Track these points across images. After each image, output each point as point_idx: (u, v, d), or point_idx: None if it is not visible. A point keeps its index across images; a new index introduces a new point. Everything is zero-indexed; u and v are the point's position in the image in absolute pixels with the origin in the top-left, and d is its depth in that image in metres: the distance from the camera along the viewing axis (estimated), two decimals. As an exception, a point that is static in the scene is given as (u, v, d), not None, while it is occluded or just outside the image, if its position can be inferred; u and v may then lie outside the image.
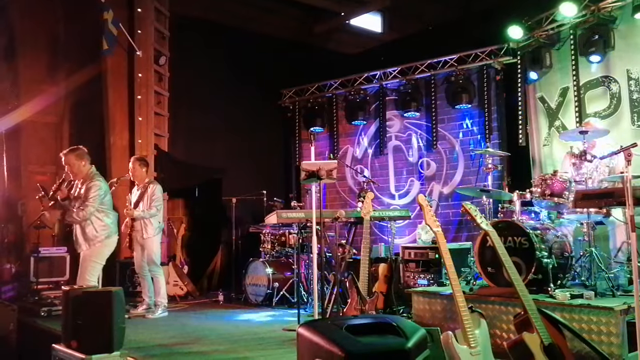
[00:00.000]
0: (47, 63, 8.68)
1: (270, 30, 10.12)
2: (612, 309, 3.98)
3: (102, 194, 5.45)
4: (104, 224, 5.50)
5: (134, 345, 4.74)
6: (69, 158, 5.47)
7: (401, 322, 2.57)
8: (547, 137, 7.56)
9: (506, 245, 4.87)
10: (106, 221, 5.52)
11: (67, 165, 5.51)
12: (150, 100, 8.59)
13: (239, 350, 4.72)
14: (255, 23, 10.00)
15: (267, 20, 10.16)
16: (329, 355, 2.35)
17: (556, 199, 5.00)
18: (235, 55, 9.61)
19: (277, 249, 7.47)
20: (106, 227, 5.51)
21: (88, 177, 5.49)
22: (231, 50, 9.61)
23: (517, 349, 2.67)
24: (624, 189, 3.28)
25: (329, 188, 9.69)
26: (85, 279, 5.40)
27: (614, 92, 6.85)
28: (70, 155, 5.48)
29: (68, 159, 5.48)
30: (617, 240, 5.38)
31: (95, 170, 5.63)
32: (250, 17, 9.90)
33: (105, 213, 5.53)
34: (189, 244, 8.85)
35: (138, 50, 8.38)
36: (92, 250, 5.52)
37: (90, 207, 5.37)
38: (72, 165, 5.47)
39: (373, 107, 9.46)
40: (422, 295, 5.31)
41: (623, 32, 6.72)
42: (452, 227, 8.32)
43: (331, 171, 4.36)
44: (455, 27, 8.95)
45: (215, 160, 9.47)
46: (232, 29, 9.65)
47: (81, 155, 5.50)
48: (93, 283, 5.42)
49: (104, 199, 5.50)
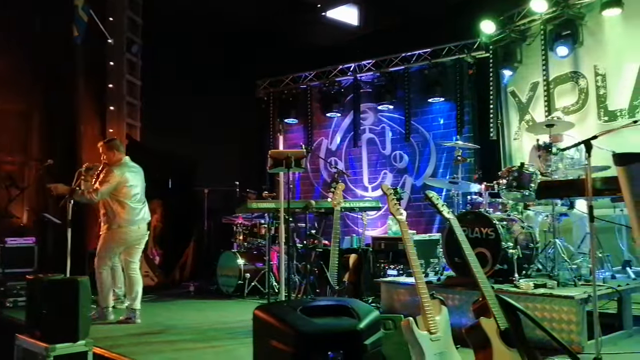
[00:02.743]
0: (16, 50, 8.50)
1: (246, 20, 10.05)
2: (573, 297, 4.08)
3: (114, 182, 5.53)
4: (116, 213, 5.58)
5: (101, 335, 4.71)
6: (102, 147, 5.81)
7: (356, 305, 2.61)
8: (518, 131, 7.68)
9: (473, 236, 4.94)
10: (119, 211, 5.58)
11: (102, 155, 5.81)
12: (122, 89, 8.49)
13: (208, 339, 4.72)
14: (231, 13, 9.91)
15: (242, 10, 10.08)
16: (283, 335, 2.38)
17: (522, 191, 5.08)
18: (209, 45, 9.53)
19: (249, 240, 7.48)
20: (118, 216, 5.57)
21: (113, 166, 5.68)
22: (205, 40, 9.52)
23: (474, 333, 2.72)
24: (584, 180, 3.35)
25: (303, 180, 9.71)
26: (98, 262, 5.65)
27: (582, 88, 6.98)
28: (103, 146, 5.81)
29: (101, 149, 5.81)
30: (581, 232, 5.50)
31: (127, 161, 5.77)
32: (225, 6, 9.81)
33: (120, 203, 5.57)
34: (161, 234, 8.79)
35: (110, 38, 8.26)
36: (107, 234, 5.65)
37: (100, 192, 5.48)
38: (104, 154, 5.77)
39: (347, 100, 9.49)
40: (391, 285, 5.36)
41: (591, 29, 6.84)
42: (424, 219, 8.41)
43: (300, 160, 4.37)
44: (430, 21, 9.00)
45: (189, 150, 9.39)
46: (206, 18, 9.55)
47: (112, 146, 5.77)
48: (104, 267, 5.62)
49: (119, 189, 5.57)
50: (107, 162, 5.70)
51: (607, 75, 6.74)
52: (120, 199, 5.59)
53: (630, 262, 5.32)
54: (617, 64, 6.65)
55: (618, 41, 6.64)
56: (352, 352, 2.40)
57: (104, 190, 5.51)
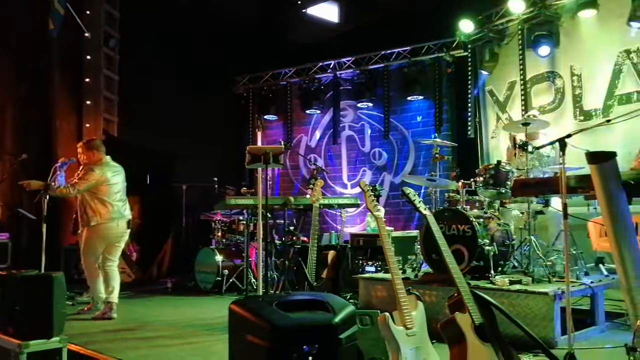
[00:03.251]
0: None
1: (226, 16, 9.99)
2: (547, 294, 4.14)
3: (93, 181, 5.54)
4: (96, 211, 5.58)
5: (76, 331, 4.65)
6: (81, 148, 5.83)
7: (331, 299, 2.62)
8: (495, 129, 7.76)
9: (450, 232, 4.98)
10: (99, 208, 5.58)
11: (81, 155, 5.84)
12: (99, 83, 8.39)
13: (184, 335, 4.70)
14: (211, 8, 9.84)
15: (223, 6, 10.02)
16: (258, 329, 2.38)
17: (499, 189, 5.14)
18: (188, 40, 9.44)
19: (227, 236, 7.44)
20: (98, 214, 5.57)
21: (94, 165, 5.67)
22: (185, 35, 9.43)
23: (449, 328, 2.75)
24: (558, 178, 3.39)
25: (283, 177, 9.70)
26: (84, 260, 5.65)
27: (559, 87, 7.08)
28: (83, 146, 5.84)
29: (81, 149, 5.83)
30: (555, 230, 5.59)
31: (108, 161, 5.77)
32: (205, 2, 9.75)
33: (100, 200, 5.58)
34: (138, 231, 8.69)
35: (87, 32, 8.14)
36: (88, 232, 5.62)
37: (76, 188, 5.49)
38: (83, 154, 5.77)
39: (327, 97, 9.50)
40: (369, 281, 5.38)
41: (567, 29, 6.95)
42: (402, 217, 8.46)
43: (278, 156, 4.36)
44: (410, 19, 9.05)
45: (167, 146, 9.31)
46: (186, 14, 9.48)
47: (91, 146, 5.78)
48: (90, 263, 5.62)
49: (98, 187, 5.58)
50: (87, 162, 5.69)
51: (583, 75, 6.85)
52: (100, 197, 5.59)
53: (603, 259, 5.42)
54: (592, 65, 6.77)
55: (593, 42, 6.75)
56: (327, 346, 2.40)
57: (81, 186, 5.49)
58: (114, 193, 5.66)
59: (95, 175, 5.55)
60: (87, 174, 5.54)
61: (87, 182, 5.51)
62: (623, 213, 3.23)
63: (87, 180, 5.52)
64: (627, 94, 6.44)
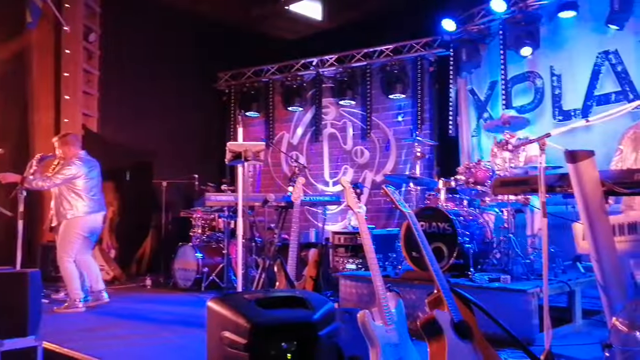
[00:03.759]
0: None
1: (207, 11, 9.90)
2: (526, 291, 4.19)
3: (69, 175, 5.65)
4: (73, 204, 5.70)
5: (52, 329, 4.57)
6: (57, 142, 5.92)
7: (310, 296, 2.61)
8: (476, 128, 7.81)
9: (431, 230, 5.01)
10: (76, 202, 5.71)
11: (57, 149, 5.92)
12: (78, 78, 8.25)
13: (162, 333, 4.66)
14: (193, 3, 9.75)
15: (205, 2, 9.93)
16: (236, 326, 2.35)
17: (479, 187, 5.18)
18: (170, 36, 9.36)
19: (207, 233, 7.40)
20: (74, 207, 5.70)
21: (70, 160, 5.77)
22: (166, 30, 9.35)
23: (428, 325, 2.75)
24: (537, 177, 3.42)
25: (264, 174, 9.65)
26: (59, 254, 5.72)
27: (539, 87, 7.14)
28: (58, 141, 5.93)
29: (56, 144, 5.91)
30: (535, 228, 5.64)
31: (84, 156, 5.87)
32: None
33: (77, 193, 5.70)
34: (117, 228, 8.61)
35: (65, 25, 8.00)
36: (64, 225, 5.73)
37: (53, 180, 5.59)
38: (59, 149, 5.88)
39: (309, 94, 9.47)
40: (349, 279, 5.39)
41: (548, 30, 7.00)
42: (383, 215, 8.48)
43: (258, 153, 4.33)
44: (393, 17, 9.06)
45: (147, 142, 9.22)
46: (168, 9, 9.37)
47: (66, 141, 5.88)
48: (67, 258, 5.67)
49: (75, 181, 5.69)
50: (63, 157, 5.79)
51: (563, 75, 6.91)
52: (77, 191, 5.70)
53: (581, 257, 5.48)
54: (572, 65, 6.84)
55: (573, 43, 6.82)
56: (306, 343, 2.39)
57: (58, 180, 5.58)
58: (90, 187, 5.78)
59: (72, 170, 5.65)
60: (64, 168, 5.64)
61: (64, 175, 5.61)
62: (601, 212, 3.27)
63: (64, 175, 5.61)
64: (605, 95, 6.52)
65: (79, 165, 5.72)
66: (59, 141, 5.90)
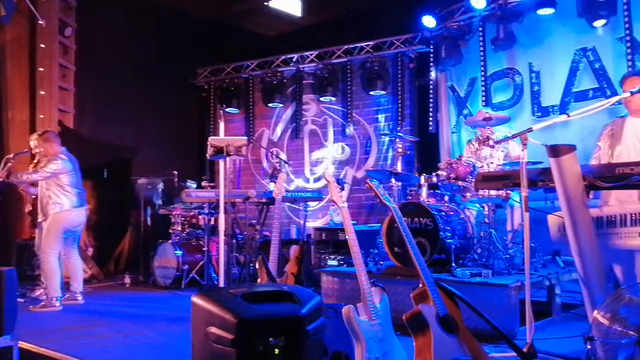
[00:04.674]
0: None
1: (186, 6, 9.80)
2: (507, 285, 4.22)
3: (55, 169, 5.73)
4: (56, 199, 5.79)
5: (29, 329, 4.48)
6: (37, 140, 5.97)
7: (297, 290, 2.58)
8: (456, 124, 7.85)
9: (412, 226, 5.02)
10: (61, 197, 5.79)
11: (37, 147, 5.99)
12: (53, 73, 8.08)
13: (143, 331, 4.59)
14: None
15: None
16: (222, 322, 2.31)
17: (460, 183, 5.20)
18: (148, 31, 9.23)
19: (187, 230, 7.32)
20: (59, 201, 5.78)
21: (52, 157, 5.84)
22: (144, 25, 9.22)
23: (414, 319, 2.75)
24: (519, 172, 3.44)
25: (244, 170, 9.59)
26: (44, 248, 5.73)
27: (518, 84, 7.20)
28: (38, 138, 5.98)
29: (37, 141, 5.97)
30: (515, 223, 5.69)
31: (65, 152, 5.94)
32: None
33: (62, 187, 5.80)
34: (95, 225, 8.47)
35: (40, 20, 7.84)
36: (50, 220, 5.78)
37: (40, 174, 5.70)
38: (39, 146, 5.94)
39: (290, 90, 9.43)
40: (331, 275, 5.38)
41: (527, 26, 7.06)
42: (364, 211, 8.48)
43: (240, 148, 4.29)
44: (373, 14, 9.07)
45: (125, 138, 9.09)
46: (145, 4, 9.25)
47: (47, 138, 5.93)
48: (52, 253, 5.71)
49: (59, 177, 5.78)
50: (45, 154, 5.88)
51: (542, 72, 6.98)
52: (63, 186, 5.81)
53: (560, 252, 5.54)
54: (550, 62, 6.90)
55: (551, 40, 6.89)
56: (294, 338, 2.36)
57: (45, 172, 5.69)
58: (76, 182, 5.91)
59: (59, 165, 5.76)
60: (50, 163, 5.74)
61: (51, 170, 5.71)
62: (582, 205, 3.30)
63: (51, 169, 5.72)
64: (583, 91, 6.60)
65: (65, 161, 5.83)
66: (39, 139, 5.96)
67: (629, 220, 3.44)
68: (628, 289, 2.94)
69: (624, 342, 2.71)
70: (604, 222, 3.60)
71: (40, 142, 5.92)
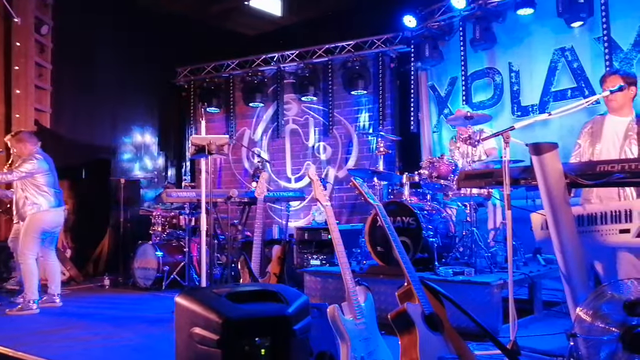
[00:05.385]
0: None
1: (166, 5, 9.69)
2: (490, 284, 4.23)
3: (30, 169, 5.67)
4: (34, 200, 5.72)
5: (5, 333, 4.39)
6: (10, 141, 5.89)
7: (283, 290, 2.55)
8: (437, 124, 7.89)
9: (395, 225, 5.02)
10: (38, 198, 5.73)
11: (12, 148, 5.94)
12: (30, 71, 7.92)
13: (122, 333, 4.52)
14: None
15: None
16: (207, 322, 2.27)
17: (442, 181, 5.21)
18: (127, 29, 9.10)
19: (168, 231, 7.23)
20: (36, 202, 5.72)
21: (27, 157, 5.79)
22: (123, 23, 9.09)
23: (399, 318, 2.74)
24: (501, 170, 3.45)
25: (225, 170, 9.52)
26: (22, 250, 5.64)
27: (498, 83, 7.26)
28: (11, 139, 5.90)
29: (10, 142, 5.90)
30: (497, 221, 5.72)
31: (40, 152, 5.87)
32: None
33: (38, 188, 5.73)
34: (73, 226, 8.32)
35: (16, 17, 7.68)
36: (27, 221, 5.71)
37: (15, 175, 5.63)
38: (13, 147, 5.88)
39: (271, 90, 9.38)
40: (314, 274, 5.35)
41: (507, 26, 7.12)
42: (346, 210, 8.48)
43: (222, 146, 4.24)
44: (354, 13, 9.07)
45: (104, 138, 8.96)
46: (124, 2, 9.12)
47: (20, 138, 5.85)
48: (31, 255, 5.63)
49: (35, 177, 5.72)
50: (19, 154, 5.81)
51: (521, 72, 7.04)
52: (40, 186, 5.75)
53: (541, 250, 5.59)
54: (530, 62, 6.97)
55: (531, 39, 6.96)
56: (280, 337, 2.32)
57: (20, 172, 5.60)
58: (51, 183, 5.83)
59: (35, 164, 5.70)
60: (26, 163, 5.68)
61: (26, 170, 5.64)
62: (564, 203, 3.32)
63: (26, 169, 5.65)
64: (562, 91, 6.68)
65: (40, 161, 5.76)
66: (12, 139, 5.87)
67: (609, 218, 3.46)
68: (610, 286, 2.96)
69: (606, 339, 2.73)
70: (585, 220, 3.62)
71: (14, 143, 5.83)
